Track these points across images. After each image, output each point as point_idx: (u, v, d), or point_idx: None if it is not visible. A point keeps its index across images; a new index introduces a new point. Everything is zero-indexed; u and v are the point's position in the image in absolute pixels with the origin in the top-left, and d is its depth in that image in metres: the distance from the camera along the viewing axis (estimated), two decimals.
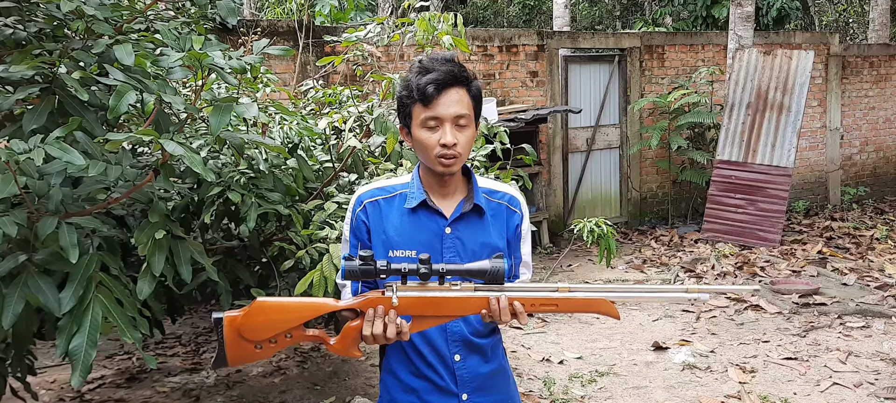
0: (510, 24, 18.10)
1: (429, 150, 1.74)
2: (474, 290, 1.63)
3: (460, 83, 1.74)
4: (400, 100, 1.78)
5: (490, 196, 1.89)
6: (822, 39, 10.61)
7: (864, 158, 11.26)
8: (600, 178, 9.51)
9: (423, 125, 1.73)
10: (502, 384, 1.91)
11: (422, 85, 1.71)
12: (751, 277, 6.72)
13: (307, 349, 5.21)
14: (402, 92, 1.77)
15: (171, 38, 2.36)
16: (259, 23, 7.05)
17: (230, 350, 1.60)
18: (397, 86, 1.80)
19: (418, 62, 1.76)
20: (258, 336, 1.60)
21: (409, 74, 1.76)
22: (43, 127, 2.34)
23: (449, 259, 1.79)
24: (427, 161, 1.77)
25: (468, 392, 1.83)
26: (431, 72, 1.71)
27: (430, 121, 1.72)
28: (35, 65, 2.37)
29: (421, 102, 1.72)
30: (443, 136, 1.72)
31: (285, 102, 4.66)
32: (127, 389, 4.57)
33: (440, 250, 1.81)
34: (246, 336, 1.59)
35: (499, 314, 1.61)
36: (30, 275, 2.25)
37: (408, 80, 1.75)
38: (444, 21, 3.91)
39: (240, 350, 1.60)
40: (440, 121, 1.72)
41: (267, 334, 1.60)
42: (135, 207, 3.00)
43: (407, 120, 1.78)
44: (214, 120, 2.25)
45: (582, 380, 4.52)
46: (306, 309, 1.63)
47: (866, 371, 4.54)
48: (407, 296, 1.61)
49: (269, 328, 1.60)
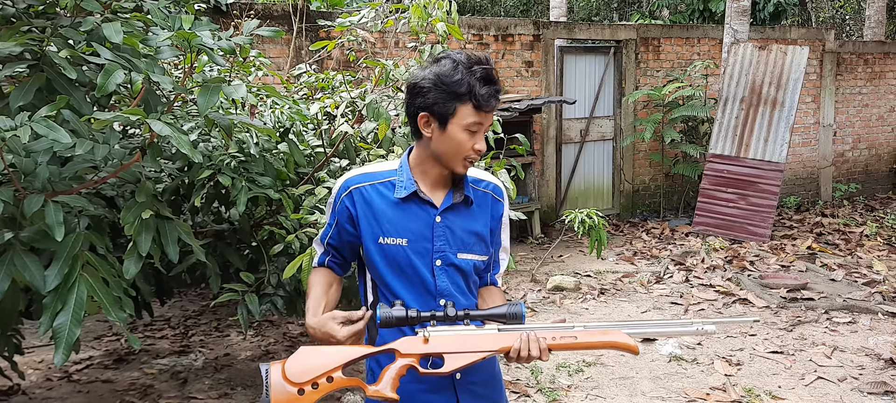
0: (507, 13, 18.06)
1: (461, 151, 1.77)
2: (498, 331, 1.72)
3: None
4: (443, 91, 1.73)
5: (476, 185, 1.93)
6: (817, 35, 10.63)
7: (856, 155, 11.30)
8: (593, 170, 9.52)
9: (467, 128, 1.75)
10: (487, 362, 1.92)
11: (486, 94, 1.72)
12: (740, 271, 6.75)
13: (296, 334, 5.22)
14: (452, 86, 1.72)
15: (161, 17, 2.35)
16: (253, 5, 7.01)
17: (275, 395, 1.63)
18: (429, 74, 1.75)
19: (478, 64, 1.74)
20: (301, 380, 1.64)
21: (461, 71, 1.72)
22: (30, 104, 2.33)
23: (439, 247, 1.82)
24: (451, 160, 1.79)
25: (460, 372, 1.83)
26: (494, 83, 1.75)
27: (474, 126, 1.75)
28: (23, 41, 2.36)
29: (475, 107, 1.73)
30: (479, 142, 1.77)
31: (278, 86, 4.64)
32: (115, 370, 4.57)
33: (430, 238, 1.83)
34: (291, 381, 1.64)
35: (528, 349, 1.68)
36: (16, 253, 2.25)
37: (460, 78, 1.71)
38: (438, 7, 3.90)
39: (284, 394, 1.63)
40: (482, 128, 1.77)
41: (310, 378, 1.65)
42: (125, 188, 3.00)
43: (445, 114, 1.74)
44: (202, 99, 2.25)
45: (569, 370, 4.54)
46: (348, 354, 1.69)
47: (851, 366, 4.57)
48: (440, 336, 1.68)
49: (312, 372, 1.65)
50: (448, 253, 1.84)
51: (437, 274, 1.84)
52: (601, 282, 6.56)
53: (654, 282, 6.53)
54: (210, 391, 4.24)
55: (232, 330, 5.32)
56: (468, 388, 1.88)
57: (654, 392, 4.23)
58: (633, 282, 6.54)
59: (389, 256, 1.83)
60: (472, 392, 1.89)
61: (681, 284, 6.48)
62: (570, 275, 6.61)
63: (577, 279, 6.48)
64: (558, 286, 6.30)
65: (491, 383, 1.96)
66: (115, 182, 2.87)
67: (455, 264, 1.85)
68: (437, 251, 1.83)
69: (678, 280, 6.59)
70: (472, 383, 1.88)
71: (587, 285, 6.43)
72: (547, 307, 5.87)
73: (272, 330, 5.32)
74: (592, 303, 5.96)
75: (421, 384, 1.83)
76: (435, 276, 1.83)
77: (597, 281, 6.59)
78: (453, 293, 1.85)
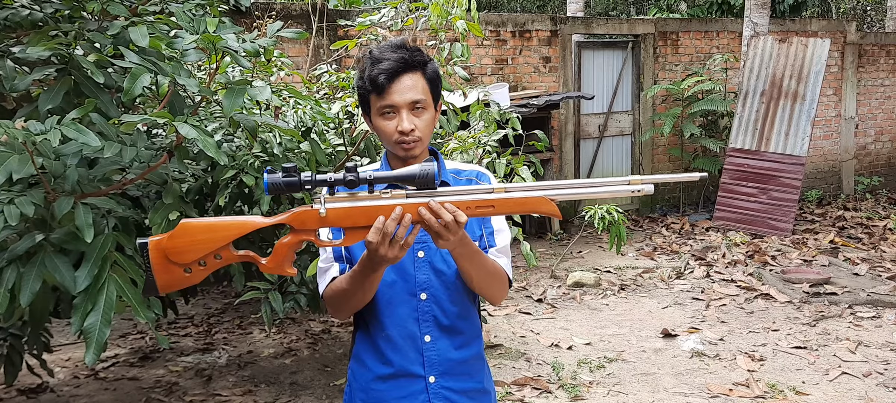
0: (523, 8, 18.01)
1: (388, 137, 1.74)
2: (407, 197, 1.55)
3: (413, 68, 1.73)
4: (358, 90, 1.78)
5: (457, 174, 1.88)
6: (838, 27, 10.51)
7: (878, 148, 11.17)
8: (612, 165, 9.49)
9: (380, 114, 1.73)
10: (475, 371, 1.86)
11: (373, 75, 1.70)
12: (761, 266, 6.71)
13: (318, 331, 5.25)
14: (358, 82, 1.77)
15: (186, 20, 2.37)
16: (273, 5, 7.05)
17: (159, 276, 1.54)
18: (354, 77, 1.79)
19: (369, 53, 1.76)
20: (186, 259, 1.53)
21: (364, 65, 1.75)
22: (59, 107, 2.37)
23: (422, 235, 1.73)
24: (390, 147, 1.77)
25: (436, 375, 1.79)
26: (382, 62, 1.71)
27: (385, 109, 1.72)
28: (51, 46, 2.40)
29: (375, 92, 1.72)
30: (400, 124, 1.72)
31: (299, 86, 4.67)
32: (140, 368, 4.63)
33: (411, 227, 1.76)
34: (173, 260, 1.53)
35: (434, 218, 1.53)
36: (46, 254, 2.29)
37: (361, 71, 1.75)
38: (457, 5, 3.90)
39: (169, 274, 1.54)
40: (396, 109, 1.72)
41: (194, 256, 1.54)
42: (150, 188, 3.03)
43: (367, 109, 1.78)
44: (227, 102, 2.27)
45: (590, 366, 4.54)
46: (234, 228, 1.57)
47: (875, 361, 4.53)
48: (336, 207, 1.54)
49: (196, 249, 1.54)
50: (430, 243, 1.77)
51: (417, 266, 1.78)
52: (621, 278, 6.54)
53: (675, 278, 6.51)
54: (234, 388, 4.29)
55: (255, 328, 5.36)
56: (444, 395, 1.80)
57: (676, 388, 4.21)
58: (653, 278, 6.52)
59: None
60: (448, 399, 1.80)
61: (702, 279, 6.44)
62: (589, 271, 6.60)
63: (597, 275, 6.47)
64: (578, 282, 6.30)
65: (476, 394, 1.85)
66: (141, 182, 2.91)
67: (441, 254, 1.78)
68: (419, 241, 1.76)
69: (699, 275, 6.56)
70: (449, 390, 1.80)
71: (607, 281, 6.42)
72: (567, 303, 5.87)
73: (295, 327, 5.36)
74: (613, 299, 5.94)
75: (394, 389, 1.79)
76: (415, 269, 1.78)
77: (617, 277, 6.57)
78: (435, 285, 1.78)
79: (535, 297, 5.97)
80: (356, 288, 1.69)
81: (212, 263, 1.56)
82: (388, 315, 1.79)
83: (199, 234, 1.54)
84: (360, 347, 1.86)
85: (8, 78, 2.50)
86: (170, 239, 1.53)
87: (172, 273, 1.54)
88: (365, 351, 1.84)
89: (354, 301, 1.74)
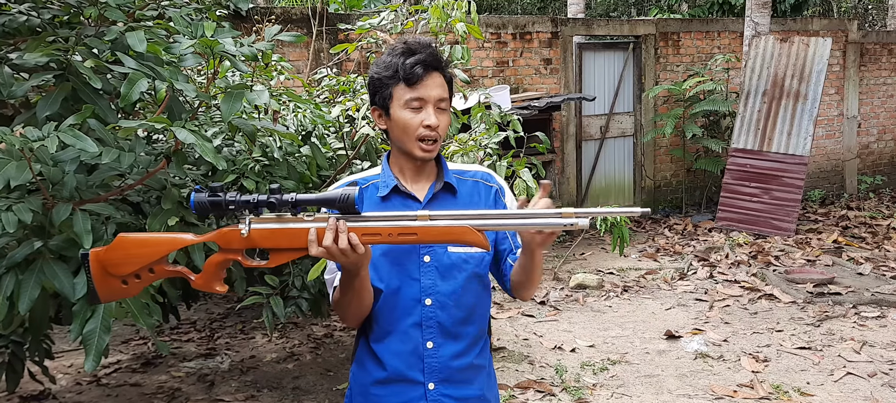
0: (524, 11, 18.00)
1: (411, 131, 1.72)
2: (336, 219, 1.55)
3: (440, 68, 1.74)
4: (377, 80, 1.75)
5: (461, 176, 1.86)
6: (840, 26, 10.48)
7: (881, 147, 11.14)
8: (614, 167, 9.47)
9: (407, 106, 1.71)
10: (476, 379, 1.83)
11: (408, 65, 1.70)
12: (765, 266, 6.68)
13: (320, 336, 5.24)
14: (382, 72, 1.74)
15: (184, 25, 2.36)
16: (272, 10, 7.05)
17: (99, 286, 1.59)
18: (375, 68, 1.78)
19: (403, 43, 1.75)
20: (121, 271, 1.59)
21: (390, 56, 1.74)
22: (57, 113, 2.35)
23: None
24: (406, 144, 1.75)
25: (435, 382, 1.77)
26: (417, 54, 1.71)
27: (414, 102, 1.71)
28: (49, 52, 2.39)
29: (405, 83, 1.71)
30: (427, 117, 1.71)
31: (299, 90, 4.67)
32: (142, 374, 4.62)
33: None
34: (111, 272, 1.58)
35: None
36: (45, 261, 2.28)
37: (389, 62, 1.73)
38: (457, 8, 3.89)
39: (108, 285, 1.60)
40: (424, 103, 1.71)
41: (129, 269, 1.59)
42: (150, 194, 3.02)
43: (385, 101, 1.75)
44: (226, 106, 2.26)
45: (594, 368, 4.52)
46: (165, 244, 1.62)
47: (881, 362, 4.51)
48: (260, 228, 1.56)
49: (131, 262, 1.58)
50: (436, 248, 1.76)
51: (423, 271, 1.76)
52: (624, 280, 6.52)
53: (678, 279, 6.49)
54: (237, 393, 4.28)
55: (257, 333, 5.35)
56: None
57: (680, 390, 4.19)
58: (656, 279, 6.50)
59: (375, 256, 1.74)
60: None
61: (705, 280, 6.42)
62: (592, 273, 6.58)
63: (599, 276, 6.45)
64: (581, 284, 6.28)
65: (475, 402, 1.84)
66: (141, 188, 2.90)
67: (448, 260, 1.76)
68: (425, 246, 1.75)
69: (702, 276, 6.54)
70: (447, 397, 1.79)
71: (610, 282, 6.40)
72: (570, 305, 5.85)
73: (297, 332, 5.35)
74: (616, 301, 5.92)
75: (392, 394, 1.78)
76: (421, 274, 1.76)
77: (620, 279, 6.55)
78: (441, 291, 1.76)
79: (538, 299, 5.96)
80: (347, 293, 1.69)
81: (146, 277, 1.61)
82: (392, 320, 1.77)
83: (133, 248, 1.60)
84: (362, 351, 1.85)
85: (6, 84, 2.49)
86: (107, 251, 1.59)
87: (111, 284, 1.60)
88: (366, 355, 1.84)
89: (353, 306, 1.72)
